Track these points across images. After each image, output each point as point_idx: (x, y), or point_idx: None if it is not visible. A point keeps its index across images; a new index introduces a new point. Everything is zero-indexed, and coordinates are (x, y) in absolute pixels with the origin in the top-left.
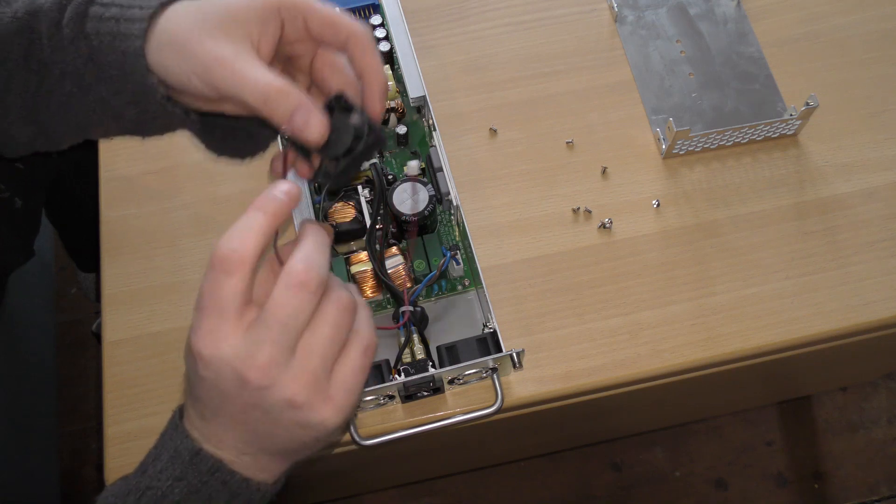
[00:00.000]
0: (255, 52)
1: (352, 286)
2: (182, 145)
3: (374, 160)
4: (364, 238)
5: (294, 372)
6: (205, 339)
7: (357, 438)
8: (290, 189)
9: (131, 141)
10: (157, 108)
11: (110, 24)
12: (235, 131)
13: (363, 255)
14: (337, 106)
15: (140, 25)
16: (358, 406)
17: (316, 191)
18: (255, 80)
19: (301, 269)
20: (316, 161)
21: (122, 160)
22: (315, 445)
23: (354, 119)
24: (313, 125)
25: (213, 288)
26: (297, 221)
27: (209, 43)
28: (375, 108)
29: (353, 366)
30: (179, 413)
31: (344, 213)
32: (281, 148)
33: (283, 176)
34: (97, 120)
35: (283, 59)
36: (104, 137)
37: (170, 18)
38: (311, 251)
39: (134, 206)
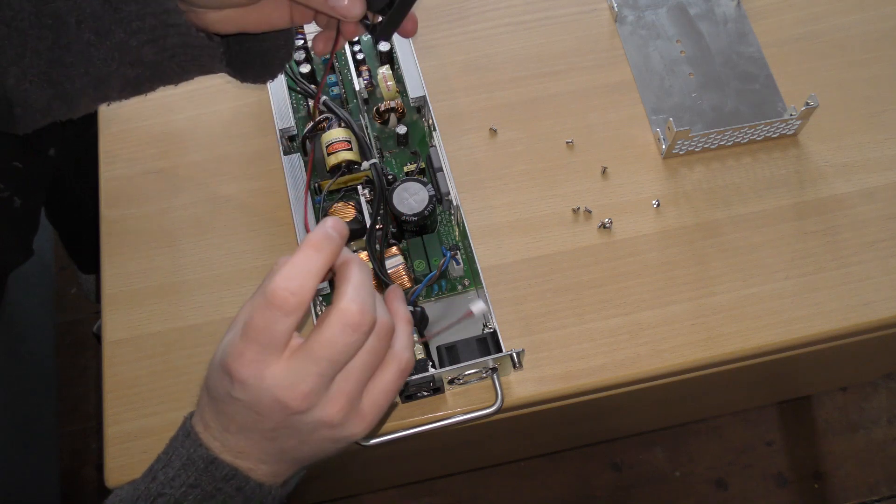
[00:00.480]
0: None
1: (397, 290)
2: (182, 145)
3: (374, 160)
4: (364, 238)
5: (331, 395)
6: (249, 367)
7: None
8: (337, 226)
9: (131, 140)
10: (177, 40)
11: None
12: (253, 58)
13: (363, 255)
14: None
15: None
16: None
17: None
18: None
19: (355, 311)
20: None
21: (122, 160)
22: (335, 453)
23: None
24: (351, 1)
25: (267, 323)
26: (296, 218)
27: None
28: None
29: (386, 386)
30: (190, 419)
31: (344, 213)
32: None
33: (331, 49)
34: (115, 69)
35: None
36: (121, 96)
37: None
38: (361, 289)
39: (134, 206)
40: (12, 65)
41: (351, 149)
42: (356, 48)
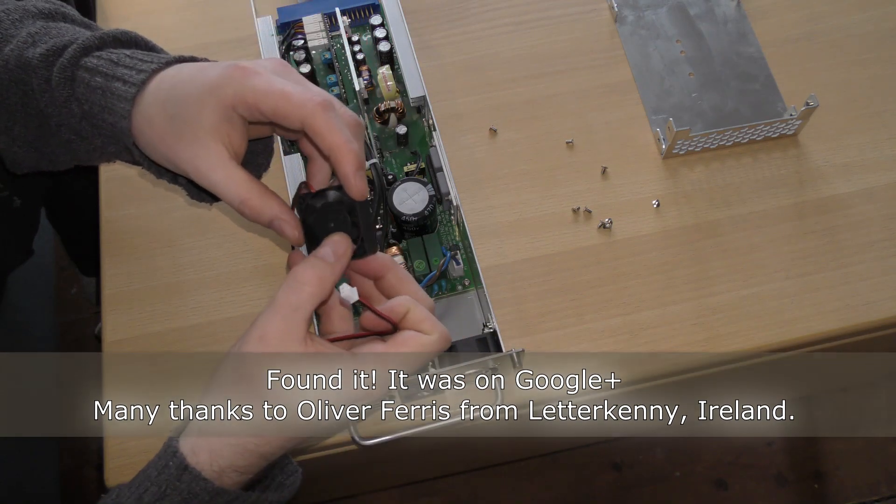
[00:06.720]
0: (226, 151)
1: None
2: None
3: (374, 160)
4: None
5: None
6: None
7: (357, 438)
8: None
9: None
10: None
11: (98, 94)
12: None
13: None
14: (328, 193)
15: (124, 107)
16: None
17: None
18: (232, 194)
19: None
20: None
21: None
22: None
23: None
24: (289, 233)
25: None
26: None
27: (182, 151)
28: (353, 188)
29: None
30: (180, 453)
31: None
32: None
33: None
34: (99, 157)
35: (268, 126)
36: (108, 162)
37: (142, 114)
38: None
39: (134, 206)
40: (2, 134)
41: None
42: (356, 48)
